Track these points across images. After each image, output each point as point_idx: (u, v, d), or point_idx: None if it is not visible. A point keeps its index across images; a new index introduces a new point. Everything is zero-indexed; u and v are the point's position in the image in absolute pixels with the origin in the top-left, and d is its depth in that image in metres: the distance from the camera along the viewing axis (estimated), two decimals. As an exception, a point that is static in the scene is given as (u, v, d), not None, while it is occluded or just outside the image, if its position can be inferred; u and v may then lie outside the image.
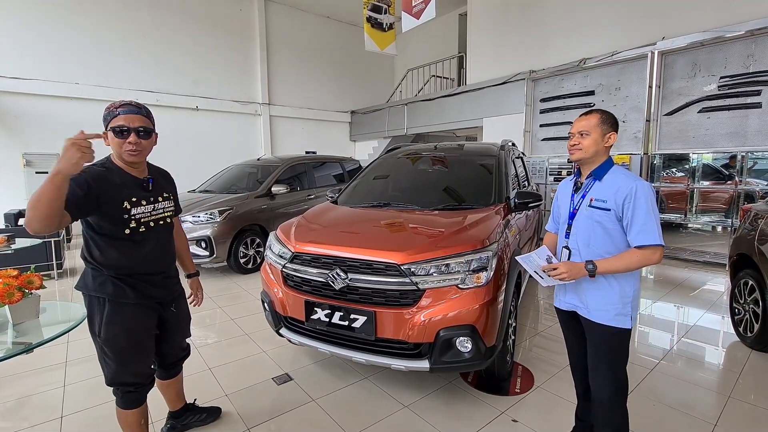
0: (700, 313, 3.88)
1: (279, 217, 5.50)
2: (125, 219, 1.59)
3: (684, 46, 5.72)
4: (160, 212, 1.74)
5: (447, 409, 2.33)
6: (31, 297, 1.60)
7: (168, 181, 1.88)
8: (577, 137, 1.67)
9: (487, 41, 8.58)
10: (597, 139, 1.64)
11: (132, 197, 1.62)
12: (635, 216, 1.54)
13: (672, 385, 2.60)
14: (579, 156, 1.68)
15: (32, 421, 2.22)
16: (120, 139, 1.57)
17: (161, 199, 1.76)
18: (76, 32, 7.74)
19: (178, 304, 1.89)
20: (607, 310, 1.64)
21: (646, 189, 1.56)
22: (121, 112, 1.57)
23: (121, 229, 1.58)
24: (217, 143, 9.64)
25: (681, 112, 5.91)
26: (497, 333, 2.23)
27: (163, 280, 1.76)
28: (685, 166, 6.98)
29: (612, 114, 1.69)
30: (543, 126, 7.59)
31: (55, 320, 1.68)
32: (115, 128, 1.56)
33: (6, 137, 7.18)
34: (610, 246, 1.62)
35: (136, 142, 1.59)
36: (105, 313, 1.60)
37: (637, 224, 1.54)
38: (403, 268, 2.13)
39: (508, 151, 3.68)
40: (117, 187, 1.58)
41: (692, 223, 7.13)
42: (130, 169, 1.65)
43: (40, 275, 1.63)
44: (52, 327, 1.63)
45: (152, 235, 1.70)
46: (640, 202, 1.54)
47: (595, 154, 1.65)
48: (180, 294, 1.92)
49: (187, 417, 2.13)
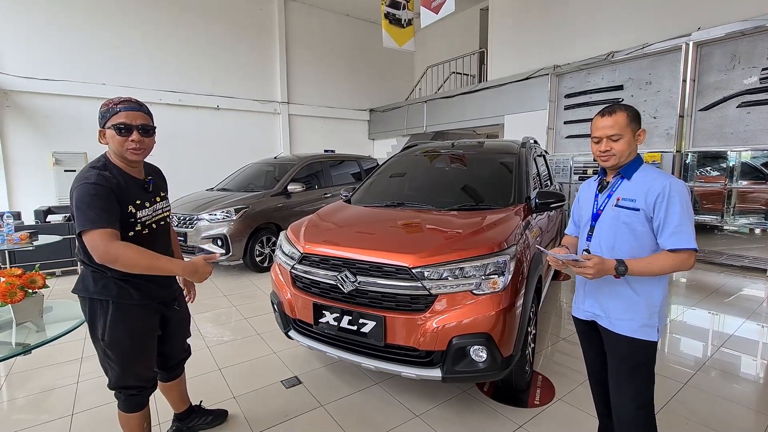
0: (739, 322, 3.60)
1: (295, 216, 5.46)
2: (131, 222, 1.56)
3: (722, 37, 5.35)
4: (159, 212, 1.71)
5: (460, 421, 2.21)
6: (34, 296, 1.59)
7: (162, 179, 1.83)
8: (607, 142, 1.50)
9: (509, 36, 8.33)
10: (629, 140, 1.49)
11: (136, 200, 1.59)
12: (669, 217, 1.40)
13: (707, 401, 2.40)
14: (613, 163, 1.52)
15: (43, 418, 2.24)
16: (122, 137, 1.52)
17: (159, 199, 1.72)
18: (103, 35, 7.95)
19: (180, 303, 1.87)
20: (632, 320, 1.49)
21: (681, 188, 1.42)
22: (121, 109, 1.52)
23: (125, 231, 1.54)
24: (237, 142, 9.76)
25: (718, 107, 5.54)
26: (515, 342, 2.09)
27: (165, 279, 1.72)
28: (722, 164, 6.57)
29: (634, 107, 1.54)
30: (567, 123, 7.30)
31: (60, 319, 1.66)
32: (117, 126, 1.51)
33: (36, 137, 7.46)
34: (636, 249, 1.48)
35: (139, 140, 1.54)
36: (109, 316, 1.56)
37: (670, 226, 1.40)
38: (414, 272, 2.02)
39: (530, 148, 3.51)
40: (123, 190, 1.54)
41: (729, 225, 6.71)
42: (129, 169, 1.61)
43: (43, 274, 1.61)
44: (57, 325, 1.61)
45: (155, 235, 1.67)
46: (674, 201, 1.40)
47: (629, 156, 1.52)
48: (180, 293, 1.90)
49: (192, 419, 2.10)
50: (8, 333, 1.51)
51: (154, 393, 1.77)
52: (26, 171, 7.36)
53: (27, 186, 7.37)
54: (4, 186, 7.16)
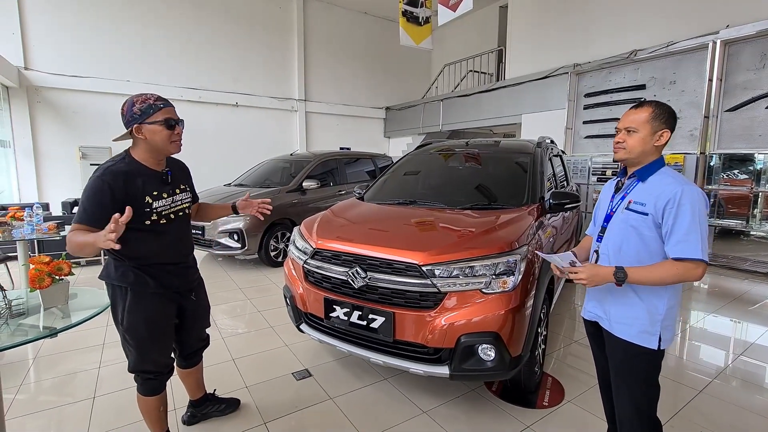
0: (762, 330, 3.49)
1: (309, 212, 5.51)
2: (147, 212, 1.62)
3: (752, 35, 5.15)
4: (178, 204, 1.77)
5: (468, 419, 2.22)
6: (61, 283, 1.67)
7: (184, 172, 1.90)
8: (623, 134, 1.48)
9: (528, 34, 8.21)
10: (645, 137, 1.44)
11: (153, 191, 1.65)
12: (677, 224, 1.35)
13: (724, 409, 2.34)
14: (622, 156, 1.49)
15: (67, 400, 2.35)
16: (169, 131, 1.61)
17: (179, 191, 1.78)
18: (128, 33, 8.20)
19: (197, 293, 1.92)
20: (630, 325, 1.46)
21: (693, 195, 1.35)
22: (162, 105, 1.61)
23: (142, 221, 1.61)
24: (255, 138, 9.92)
25: (746, 108, 5.34)
26: (524, 342, 2.09)
27: (181, 269, 1.79)
28: (749, 167, 6.34)
29: (669, 108, 1.46)
30: (586, 123, 7.16)
31: (84, 306, 1.75)
32: (167, 120, 1.60)
33: (65, 131, 7.75)
34: (643, 254, 1.44)
35: (180, 133, 1.66)
36: (127, 302, 1.64)
37: (677, 234, 1.35)
38: (423, 269, 2.04)
39: (545, 148, 3.47)
40: (138, 182, 1.61)
41: (756, 230, 6.49)
42: (150, 162, 1.68)
43: (69, 262, 1.70)
44: (80, 312, 1.69)
45: (172, 226, 1.73)
46: (684, 209, 1.34)
47: (642, 154, 1.46)
48: (199, 283, 1.95)
49: (206, 407, 2.17)
50: (36, 317, 1.60)
51: (170, 379, 1.84)
52: (55, 164, 7.66)
53: (55, 178, 7.68)
54: (35, 178, 7.47)
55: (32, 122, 7.39)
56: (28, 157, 7.39)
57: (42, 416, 2.20)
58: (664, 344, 1.44)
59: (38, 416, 2.20)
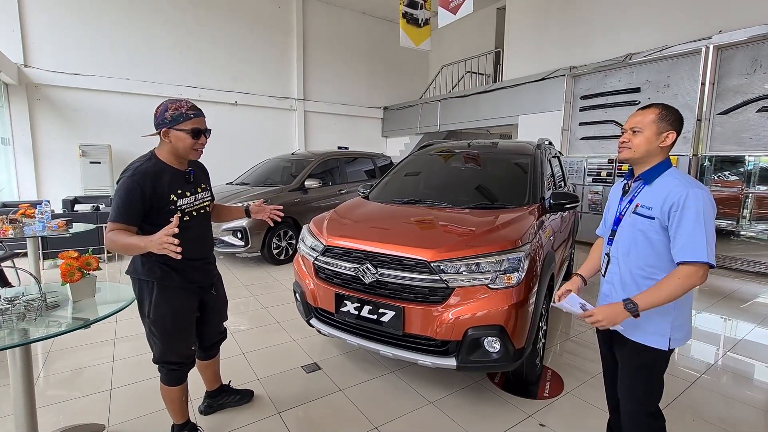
0: (750, 327, 3.63)
1: (311, 211, 5.63)
2: (172, 210, 1.72)
3: (744, 40, 5.31)
4: (200, 202, 1.88)
5: (472, 408, 2.32)
6: (89, 277, 1.75)
7: (203, 172, 2.01)
8: (628, 134, 1.49)
9: (525, 36, 8.33)
10: (650, 137, 1.44)
11: (178, 190, 1.75)
12: (681, 227, 1.34)
13: (714, 401, 2.47)
14: (626, 156, 1.49)
15: (84, 392, 2.43)
16: (193, 141, 1.71)
17: (200, 190, 1.89)
18: (128, 31, 8.20)
19: (217, 288, 2.02)
20: (638, 326, 1.47)
21: (699, 197, 1.33)
22: (193, 115, 1.71)
23: (167, 218, 1.66)
24: (254, 137, 9.96)
25: (737, 111, 5.51)
26: (527, 335, 2.20)
27: (203, 265, 1.88)
28: (740, 169, 6.52)
29: (676, 110, 1.47)
30: (582, 124, 7.30)
31: (108, 300, 1.82)
32: (193, 130, 1.70)
33: (65, 129, 7.74)
34: (652, 258, 1.44)
35: (204, 143, 1.76)
36: (154, 296, 1.73)
37: (682, 237, 1.34)
38: (432, 266, 2.14)
39: (545, 150, 3.59)
40: (164, 181, 1.71)
41: (745, 230, 6.67)
42: (174, 163, 1.78)
43: (96, 257, 1.77)
44: (106, 306, 1.76)
45: (195, 223, 1.82)
46: (689, 211, 1.33)
47: (647, 154, 1.46)
48: (218, 279, 2.06)
49: (222, 398, 2.25)
50: (66, 309, 1.67)
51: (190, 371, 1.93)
52: (54, 162, 7.65)
53: (55, 176, 7.67)
54: (34, 175, 7.47)
55: (32, 120, 7.38)
56: (27, 155, 7.38)
57: (62, 407, 2.27)
58: (674, 344, 1.45)
59: (58, 407, 2.27)
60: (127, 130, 8.27)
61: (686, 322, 1.48)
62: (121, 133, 8.21)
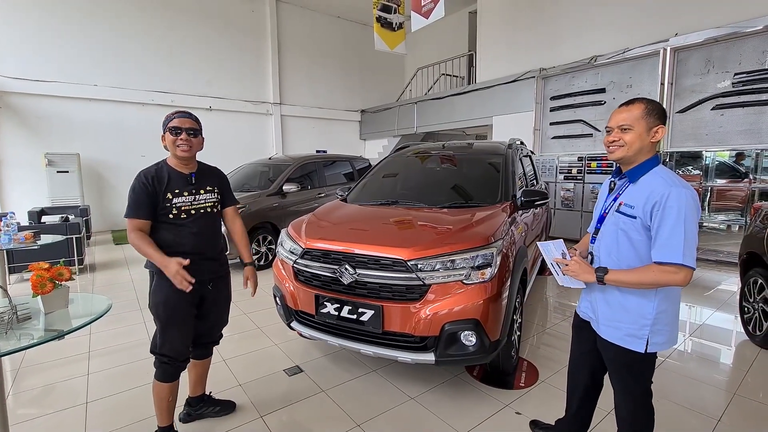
0: (710, 312, 3.86)
1: (290, 215, 5.60)
2: (167, 207, 1.88)
3: (698, 42, 5.64)
4: (201, 203, 1.97)
5: (452, 402, 2.39)
6: (61, 288, 1.72)
7: (216, 176, 2.12)
8: (617, 132, 1.45)
9: (497, 39, 8.56)
10: (641, 133, 1.41)
11: (175, 189, 1.91)
12: (661, 227, 1.33)
13: (678, 383, 2.62)
14: (621, 154, 1.45)
15: (57, 408, 2.36)
16: (174, 137, 1.88)
17: (203, 191, 1.99)
18: (95, 35, 7.98)
19: (216, 285, 2.06)
20: (616, 328, 1.47)
21: (681, 197, 1.31)
22: (175, 117, 1.91)
23: (164, 214, 1.87)
24: (229, 142, 9.83)
25: (694, 110, 5.84)
26: (501, 327, 2.28)
27: (199, 260, 1.91)
28: (699, 164, 6.89)
29: (659, 104, 1.45)
30: (553, 124, 7.56)
31: (82, 311, 1.80)
32: (171, 128, 1.88)
33: (29, 138, 7.46)
34: (633, 259, 1.43)
35: (186, 140, 1.89)
36: (153, 284, 1.91)
37: (661, 237, 1.33)
38: (409, 264, 2.20)
39: (516, 149, 3.71)
40: (164, 181, 1.90)
41: (707, 222, 7.04)
42: (180, 167, 1.95)
43: (69, 268, 1.74)
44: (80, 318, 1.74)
45: (192, 221, 1.93)
46: (670, 212, 1.31)
47: (640, 151, 1.43)
48: (220, 277, 2.10)
49: (201, 407, 2.24)
50: (38, 321, 1.64)
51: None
52: (19, 172, 7.37)
53: (20, 186, 7.38)
54: (-4, 187, 7.16)
55: (-7, 128, 7.08)
56: (-11, 165, 7.08)
57: (35, 424, 2.21)
58: (653, 348, 1.43)
59: (31, 425, 2.20)
60: (96, 138, 8.03)
61: (669, 327, 1.46)
62: (89, 140, 7.96)
